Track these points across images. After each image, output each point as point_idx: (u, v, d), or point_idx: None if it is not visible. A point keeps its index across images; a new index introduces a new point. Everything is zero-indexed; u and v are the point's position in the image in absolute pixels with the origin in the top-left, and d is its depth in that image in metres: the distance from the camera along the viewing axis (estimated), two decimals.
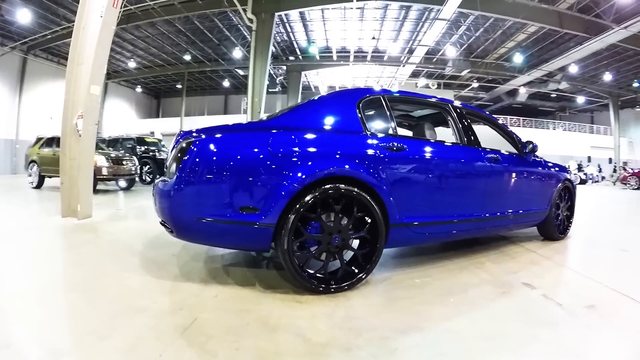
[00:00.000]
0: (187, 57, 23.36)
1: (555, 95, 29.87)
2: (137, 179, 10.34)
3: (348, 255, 2.35)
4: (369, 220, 2.32)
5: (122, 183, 9.87)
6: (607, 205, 9.63)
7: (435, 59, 23.02)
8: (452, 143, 3.02)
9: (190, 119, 31.00)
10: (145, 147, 12.56)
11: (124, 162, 9.12)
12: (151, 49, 22.52)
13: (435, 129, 3.37)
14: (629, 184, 18.76)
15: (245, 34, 19.53)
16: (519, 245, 3.80)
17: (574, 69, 22.03)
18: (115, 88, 29.47)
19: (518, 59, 20.97)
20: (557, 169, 4.03)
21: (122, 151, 11.34)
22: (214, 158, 2.13)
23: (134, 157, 9.70)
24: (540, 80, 25.43)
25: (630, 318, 2.02)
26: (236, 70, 25.55)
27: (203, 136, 2.19)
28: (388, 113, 2.73)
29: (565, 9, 14.85)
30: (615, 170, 24.98)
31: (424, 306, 2.08)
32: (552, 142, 29.16)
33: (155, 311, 1.88)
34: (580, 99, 31.15)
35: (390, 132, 2.67)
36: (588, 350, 1.65)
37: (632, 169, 21.21)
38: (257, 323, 1.78)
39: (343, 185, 2.21)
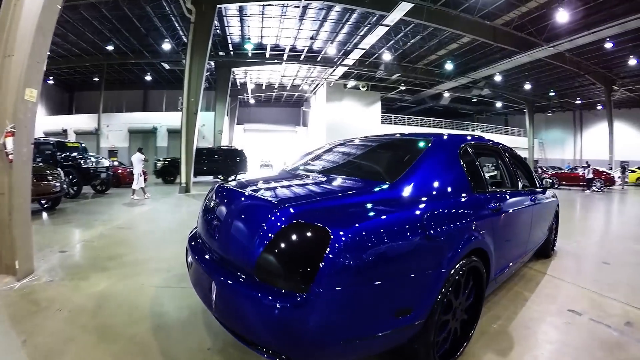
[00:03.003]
0: (110, 48, 21.96)
1: (476, 99, 33.53)
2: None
3: None
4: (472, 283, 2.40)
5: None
6: None
7: (368, 62, 24.44)
8: (513, 189, 3.42)
9: (107, 115, 29.24)
10: (67, 153, 11.27)
11: (49, 178, 7.77)
12: (69, 37, 20.62)
13: None
14: None
15: (176, 25, 18.90)
16: (524, 266, 4.51)
17: (497, 78, 25.25)
18: None
19: (448, 66, 23.39)
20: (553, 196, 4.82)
21: (39, 159, 10.06)
22: (366, 256, 1.66)
23: (60, 170, 8.51)
24: (465, 86, 28.75)
25: None
26: (161, 64, 24.43)
27: (338, 222, 1.69)
28: (477, 164, 2.80)
29: (500, 25, 17.29)
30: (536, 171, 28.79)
31: (533, 350, 2.51)
32: None
33: None
34: (498, 104, 35.71)
35: (485, 187, 2.77)
36: None
37: (545, 168, 24.76)
38: None
39: (475, 258, 2.26)
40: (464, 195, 2.42)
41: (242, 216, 2.02)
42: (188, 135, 13.16)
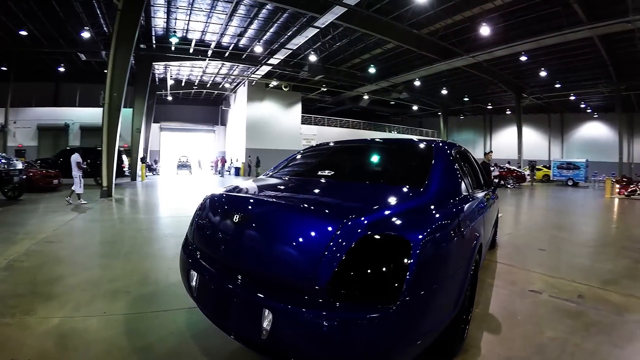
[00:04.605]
0: (23, 33, 19.32)
1: (394, 102, 35.86)
2: None
3: None
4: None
5: None
6: None
7: (293, 62, 24.89)
8: (482, 189, 3.89)
9: (14, 110, 26.00)
10: None
11: None
12: None
13: None
14: None
15: (98, 12, 17.44)
16: None
17: (416, 83, 27.39)
18: None
19: (371, 70, 24.94)
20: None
21: None
22: (437, 257, 1.89)
23: None
24: (385, 89, 30.80)
25: (602, 296, 3.69)
26: (77, 54, 22.17)
27: (410, 229, 1.79)
28: (466, 168, 3.31)
29: (426, 34, 18.84)
30: None
31: (518, 326, 3.00)
32: None
33: None
34: (414, 107, 38.68)
35: (473, 187, 3.20)
36: (606, 318, 3.19)
37: None
38: None
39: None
40: (468, 195, 2.80)
41: (294, 230, 1.88)
42: (110, 134, 12.17)
